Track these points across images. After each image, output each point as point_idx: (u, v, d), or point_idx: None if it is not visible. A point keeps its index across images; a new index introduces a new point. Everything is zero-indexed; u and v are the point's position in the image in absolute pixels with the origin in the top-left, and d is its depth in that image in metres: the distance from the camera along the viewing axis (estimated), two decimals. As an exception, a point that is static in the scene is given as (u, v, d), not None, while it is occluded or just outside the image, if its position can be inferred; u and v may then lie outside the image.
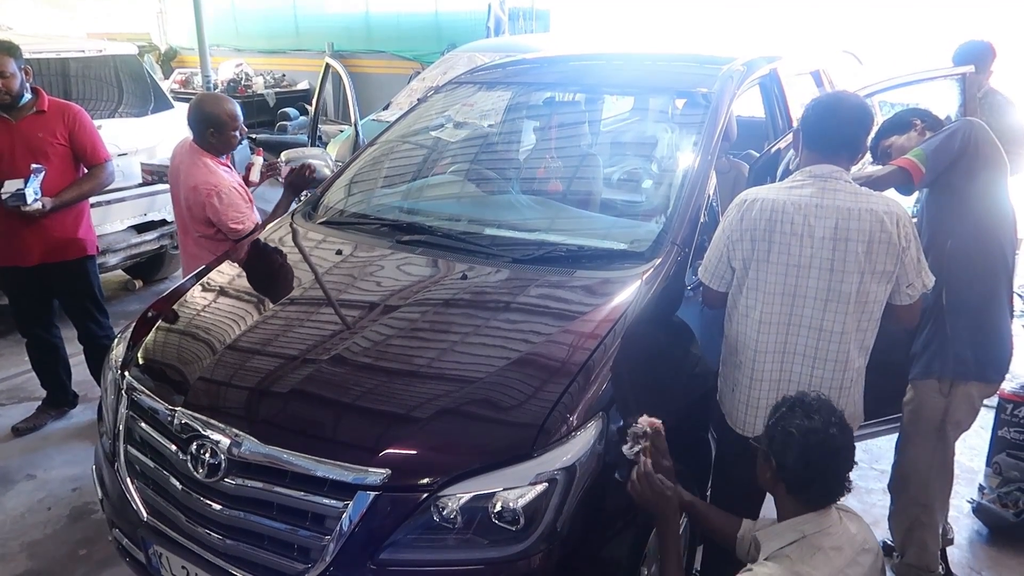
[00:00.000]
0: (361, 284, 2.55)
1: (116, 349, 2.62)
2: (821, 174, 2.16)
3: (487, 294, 2.42)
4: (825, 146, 2.18)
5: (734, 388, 2.28)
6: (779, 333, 2.17)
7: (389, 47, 11.15)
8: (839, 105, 2.22)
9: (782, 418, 1.89)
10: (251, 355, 2.27)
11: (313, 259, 2.76)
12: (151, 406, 2.26)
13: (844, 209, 2.11)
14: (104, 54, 5.47)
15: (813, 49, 4.37)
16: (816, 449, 1.82)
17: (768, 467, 1.91)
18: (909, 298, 2.17)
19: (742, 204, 2.22)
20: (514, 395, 2.02)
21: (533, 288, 2.40)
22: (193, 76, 11.57)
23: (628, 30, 9.65)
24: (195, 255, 3.35)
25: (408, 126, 3.48)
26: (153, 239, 5.44)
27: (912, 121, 2.58)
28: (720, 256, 2.25)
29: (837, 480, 1.87)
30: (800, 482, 1.87)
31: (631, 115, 3.53)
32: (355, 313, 2.41)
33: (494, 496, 1.85)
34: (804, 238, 2.11)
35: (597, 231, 2.68)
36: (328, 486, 1.91)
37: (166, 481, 2.17)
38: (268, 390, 2.14)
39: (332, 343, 2.24)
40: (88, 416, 4.12)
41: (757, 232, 2.15)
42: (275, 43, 12.59)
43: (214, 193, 3.23)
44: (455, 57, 7.47)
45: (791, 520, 1.89)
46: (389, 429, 1.97)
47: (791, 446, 1.84)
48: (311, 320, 2.42)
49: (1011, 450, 3.54)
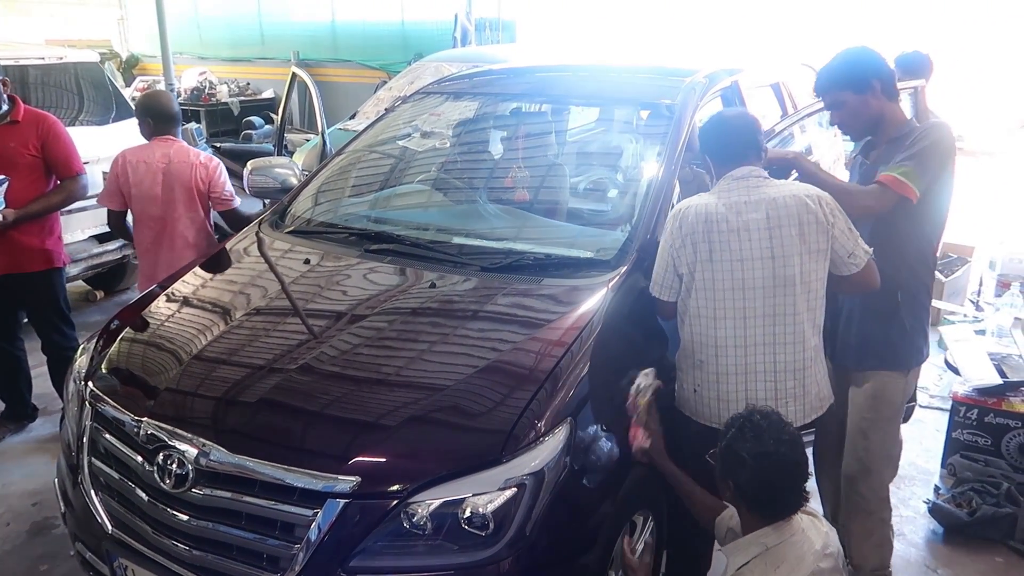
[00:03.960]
0: (329, 293, 2.55)
1: (79, 360, 2.59)
2: (741, 175, 2.31)
3: (456, 303, 2.44)
4: (732, 155, 2.35)
5: (696, 388, 2.33)
6: (735, 327, 2.26)
7: (355, 56, 11.11)
8: (727, 118, 2.53)
9: (732, 440, 1.94)
10: (218, 365, 2.26)
11: (281, 268, 2.76)
12: (116, 417, 2.23)
13: (770, 199, 2.25)
14: (65, 61, 5.39)
15: (772, 62, 4.47)
16: (768, 470, 1.88)
17: (727, 487, 1.98)
18: (855, 267, 2.28)
19: (677, 214, 2.32)
20: (483, 402, 2.04)
21: (501, 296, 2.43)
22: (156, 84, 11.42)
23: (592, 41, 9.75)
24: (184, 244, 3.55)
25: (376, 136, 3.50)
26: (115, 249, 5.35)
27: (872, 82, 2.48)
28: (666, 267, 2.33)
29: (793, 494, 1.93)
30: (757, 501, 1.93)
31: (597, 126, 3.58)
32: (323, 322, 2.42)
33: (464, 502, 1.87)
34: (741, 232, 2.23)
35: (564, 240, 2.72)
36: (297, 495, 1.91)
37: (132, 493, 2.15)
38: (236, 400, 2.13)
39: (300, 352, 2.24)
40: (49, 430, 4.05)
41: (697, 236, 2.25)
42: (239, 51, 12.46)
43: (215, 164, 3.56)
44: (422, 67, 7.48)
45: (753, 534, 1.95)
46: (358, 437, 1.98)
47: (743, 470, 1.90)
48: (279, 330, 2.42)
49: (964, 451, 3.66)
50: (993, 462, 3.57)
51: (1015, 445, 3.54)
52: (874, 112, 2.51)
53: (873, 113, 2.51)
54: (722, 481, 2.00)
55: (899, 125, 2.53)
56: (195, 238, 3.57)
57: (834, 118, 2.61)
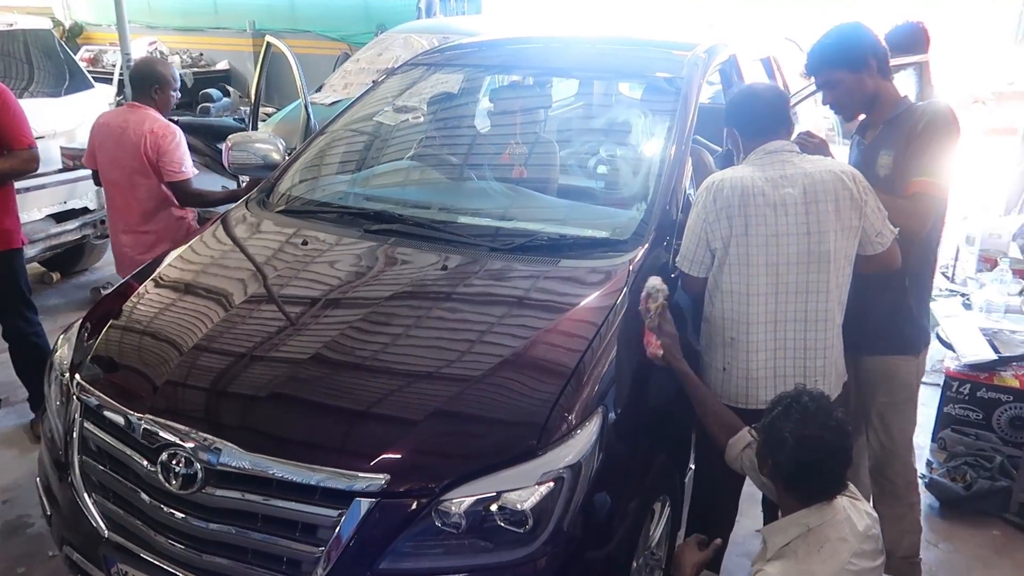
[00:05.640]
0: (333, 276, 2.41)
1: (60, 351, 2.41)
2: (774, 149, 2.26)
3: (472, 286, 2.32)
4: (764, 128, 2.30)
5: (726, 367, 2.28)
6: (768, 303, 2.21)
7: (314, 27, 10.75)
8: (758, 91, 2.45)
9: (777, 418, 1.89)
10: (223, 355, 2.11)
11: (278, 250, 2.59)
12: (111, 413, 2.08)
13: (808, 173, 2.20)
14: (15, 28, 5.06)
15: (762, 36, 4.41)
16: (810, 453, 1.83)
17: (765, 464, 1.93)
18: (881, 246, 2.27)
19: (711, 186, 2.24)
20: (513, 392, 1.95)
21: (519, 279, 2.32)
22: (102, 54, 10.89)
23: (560, 13, 9.60)
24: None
25: (365, 109, 3.32)
26: (74, 229, 5.07)
27: (868, 60, 2.42)
28: (698, 242, 2.26)
29: (832, 479, 1.88)
30: (795, 482, 1.88)
31: (602, 101, 3.46)
32: (331, 308, 2.28)
33: (499, 498, 1.77)
34: (777, 207, 2.18)
35: (575, 219, 2.62)
36: (319, 494, 1.80)
37: (131, 494, 2.00)
38: (246, 393, 2.00)
39: (311, 341, 2.11)
40: (13, 421, 3.83)
41: (732, 210, 2.19)
42: (191, 20, 11.95)
43: (171, 132, 3.48)
44: (390, 38, 7.24)
45: (795, 515, 1.89)
46: (384, 431, 1.87)
47: (784, 449, 1.85)
48: (285, 316, 2.26)
49: (955, 425, 3.69)
50: (984, 436, 3.61)
51: (1006, 419, 3.58)
52: (869, 91, 2.46)
53: (868, 92, 2.46)
54: (762, 457, 1.94)
55: (895, 104, 2.49)
56: (153, 206, 3.58)
57: (827, 97, 2.55)
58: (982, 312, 3.85)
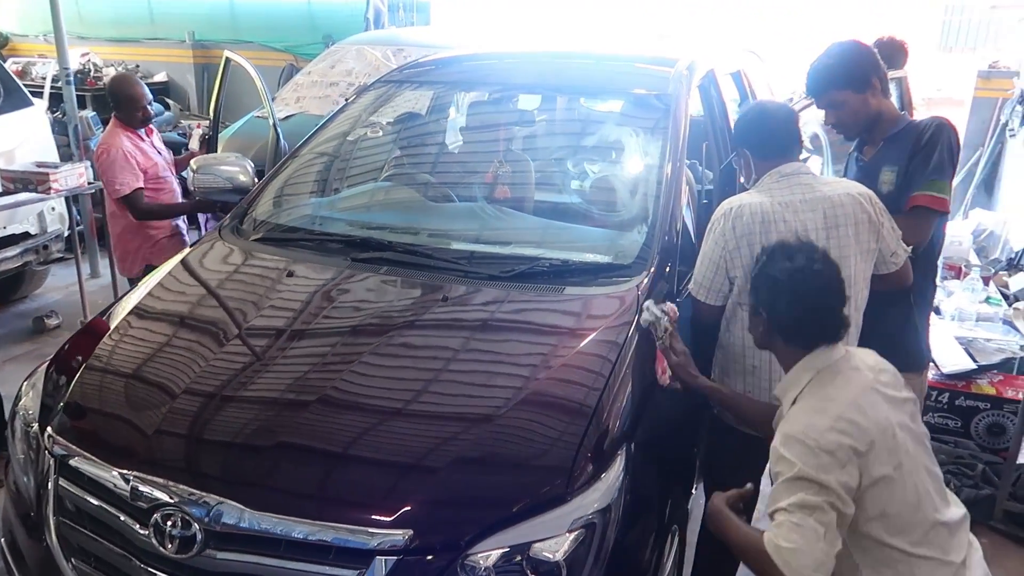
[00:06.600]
0: (326, 311, 2.26)
1: (25, 399, 2.21)
2: (790, 172, 2.22)
3: (476, 319, 2.21)
4: (777, 149, 2.25)
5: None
6: None
7: (257, 38, 10.41)
8: (770, 110, 2.36)
9: (764, 266, 1.84)
10: (216, 401, 1.95)
11: (264, 283, 2.42)
12: (91, 469, 1.90)
13: (827, 198, 2.17)
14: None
15: (731, 49, 4.42)
16: (804, 285, 1.77)
17: (760, 321, 1.86)
18: (895, 265, 2.27)
19: (729, 213, 2.18)
20: (534, 435, 1.85)
21: (525, 309, 2.23)
22: (31, 66, 10.37)
23: (508, 24, 9.56)
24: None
25: (339, 129, 3.18)
26: (15, 255, 4.77)
27: (872, 80, 2.43)
28: (716, 270, 2.19)
29: (832, 315, 1.80)
30: (794, 324, 1.80)
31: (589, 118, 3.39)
32: (332, 345, 2.14)
33: (528, 548, 1.67)
34: (800, 234, 2.11)
35: (574, 243, 2.53)
36: (334, 554, 1.66)
37: (120, 560, 1.83)
38: (247, 443, 1.84)
39: (311, 383, 1.96)
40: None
41: (753, 237, 2.13)
42: (126, 31, 11.46)
43: (104, 152, 3.57)
44: (342, 50, 7.07)
45: (801, 362, 1.81)
46: (404, 481, 1.75)
47: (777, 292, 1.79)
48: (281, 356, 2.10)
49: (935, 434, 3.73)
50: (962, 443, 3.66)
51: (983, 426, 3.65)
52: (872, 111, 2.47)
53: (872, 112, 2.47)
54: (754, 318, 1.88)
55: (895, 121, 2.51)
56: (125, 223, 3.70)
57: (830, 118, 2.54)
58: (954, 321, 3.91)
